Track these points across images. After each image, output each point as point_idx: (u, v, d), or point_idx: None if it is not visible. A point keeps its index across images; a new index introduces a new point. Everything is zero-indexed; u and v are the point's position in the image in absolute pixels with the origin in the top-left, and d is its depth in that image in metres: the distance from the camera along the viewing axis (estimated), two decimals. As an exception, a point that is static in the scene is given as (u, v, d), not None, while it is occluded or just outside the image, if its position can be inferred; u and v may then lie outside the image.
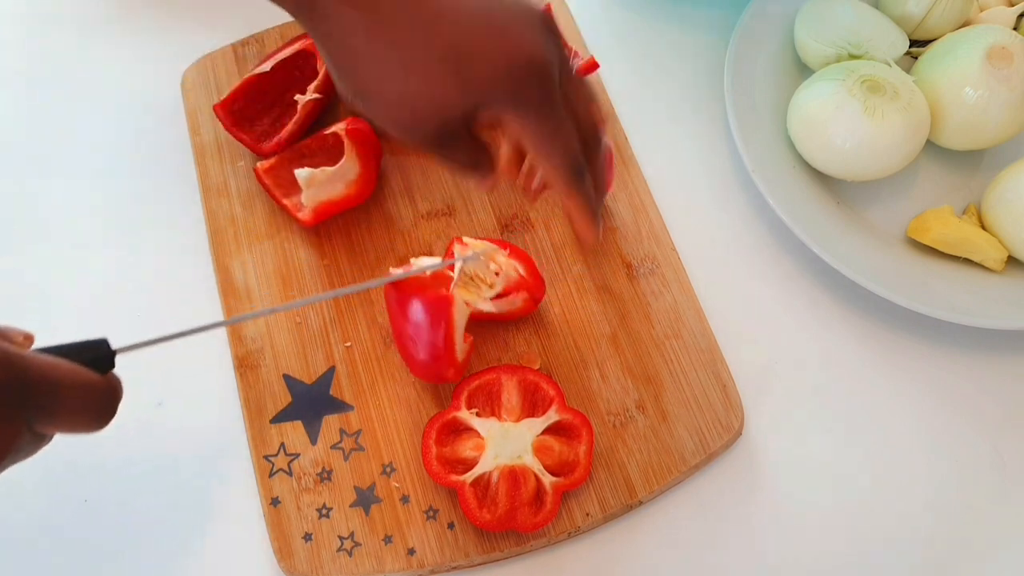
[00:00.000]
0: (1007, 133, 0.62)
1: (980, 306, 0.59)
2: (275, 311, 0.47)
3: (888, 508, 0.56)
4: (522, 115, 0.45)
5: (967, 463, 0.57)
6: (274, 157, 0.61)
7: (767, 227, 0.64)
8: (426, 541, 0.52)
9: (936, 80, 0.62)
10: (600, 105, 0.49)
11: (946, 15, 0.66)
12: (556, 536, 0.53)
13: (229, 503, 0.54)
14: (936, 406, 0.59)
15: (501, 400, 0.54)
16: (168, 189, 0.63)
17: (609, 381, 0.57)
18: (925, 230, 0.61)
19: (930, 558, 0.54)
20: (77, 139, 0.66)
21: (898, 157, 0.60)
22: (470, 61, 0.43)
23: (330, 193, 0.59)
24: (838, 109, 0.60)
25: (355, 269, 0.60)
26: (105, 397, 0.40)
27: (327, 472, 0.54)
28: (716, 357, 0.58)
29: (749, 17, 0.67)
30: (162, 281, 0.61)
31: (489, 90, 0.44)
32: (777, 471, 0.56)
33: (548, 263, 0.61)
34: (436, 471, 0.52)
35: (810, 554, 0.54)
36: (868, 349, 0.60)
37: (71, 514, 0.54)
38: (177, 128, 0.65)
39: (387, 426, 0.56)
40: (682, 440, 0.55)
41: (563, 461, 0.53)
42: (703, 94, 0.69)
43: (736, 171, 0.66)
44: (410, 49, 0.43)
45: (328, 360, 0.57)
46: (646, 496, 0.54)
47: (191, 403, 0.57)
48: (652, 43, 0.71)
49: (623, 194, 0.63)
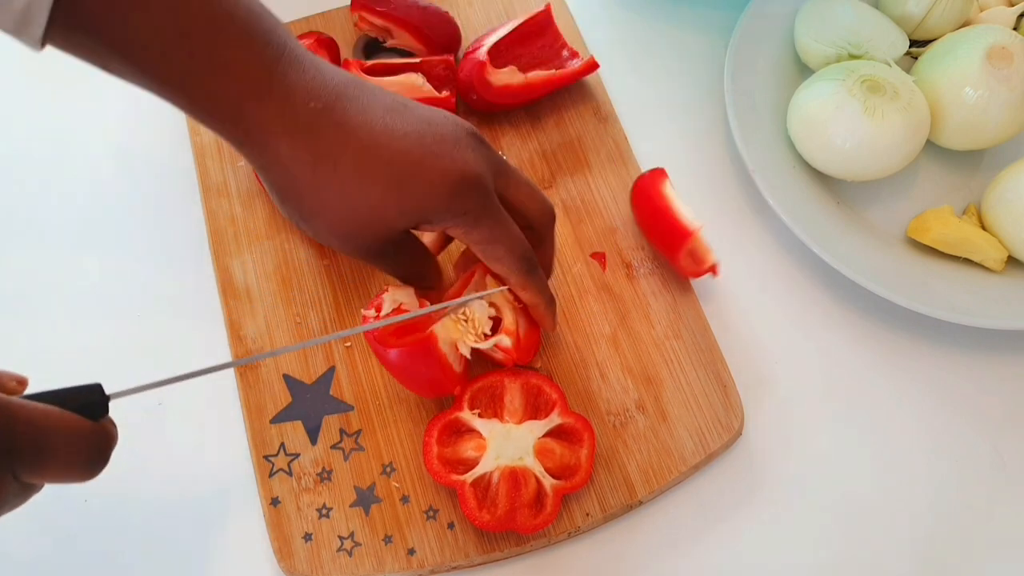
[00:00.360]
0: (1007, 133, 0.62)
1: (980, 306, 0.59)
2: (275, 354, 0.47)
3: (888, 508, 0.56)
4: (465, 226, 0.47)
5: (967, 463, 0.57)
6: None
7: (767, 227, 0.64)
8: (426, 541, 0.52)
9: (936, 80, 0.62)
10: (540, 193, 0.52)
11: (946, 15, 0.66)
12: (556, 536, 0.53)
13: (229, 503, 0.54)
14: (936, 406, 0.59)
15: (503, 402, 0.54)
16: (168, 189, 0.64)
17: (609, 381, 0.57)
18: (925, 230, 0.61)
19: (930, 558, 0.54)
20: (77, 139, 0.66)
21: (898, 157, 0.60)
22: (408, 182, 0.45)
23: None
24: (838, 109, 0.60)
25: (355, 269, 0.60)
26: (96, 445, 0.39)
27: (327, 472, 0.54)
28: (716, 357, 0.58)
29: (749, 17, 0.67)
30: (162, 281, 0.61)
31: (428, 207, 0.46)
32: (777, 471, 0.56)
33: (548, 263, 0.61)
34: (437, 470, 0.52)
35: (810, 554, 0.54)
36: (868, 349, 0.60)
37: (71, 514, 0.54)
38: (177, 128, 0.65)
39: (387, 426, 0.56)
40: (682, 440, 0.55)
41: (564, 464, 0.53)
42: (703, 94, 0.69)
43: (736, 171, 0.66)
44: (351, 175, 0.45)
45: (328, 360, 0.57)
46: (646, 496, 0.54)
47: (191, 403, 0.57)
48: (652, 43, 0.71)
49: (623, 194, 0.63)
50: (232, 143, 0.45)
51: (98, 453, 0.40)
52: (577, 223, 0.62)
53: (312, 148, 0.44)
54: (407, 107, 0.47)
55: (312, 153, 0.44)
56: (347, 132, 0.44)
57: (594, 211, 0.62)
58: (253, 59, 0.42)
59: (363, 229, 0.47)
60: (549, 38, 0.67)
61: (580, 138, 0.65)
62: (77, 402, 0.38)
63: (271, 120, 0.43)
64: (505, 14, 0.69)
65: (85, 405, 0.38)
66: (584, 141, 0.65)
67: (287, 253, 0.60)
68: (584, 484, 0.52)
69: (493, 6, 0.69)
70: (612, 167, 0.64)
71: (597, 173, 0.64)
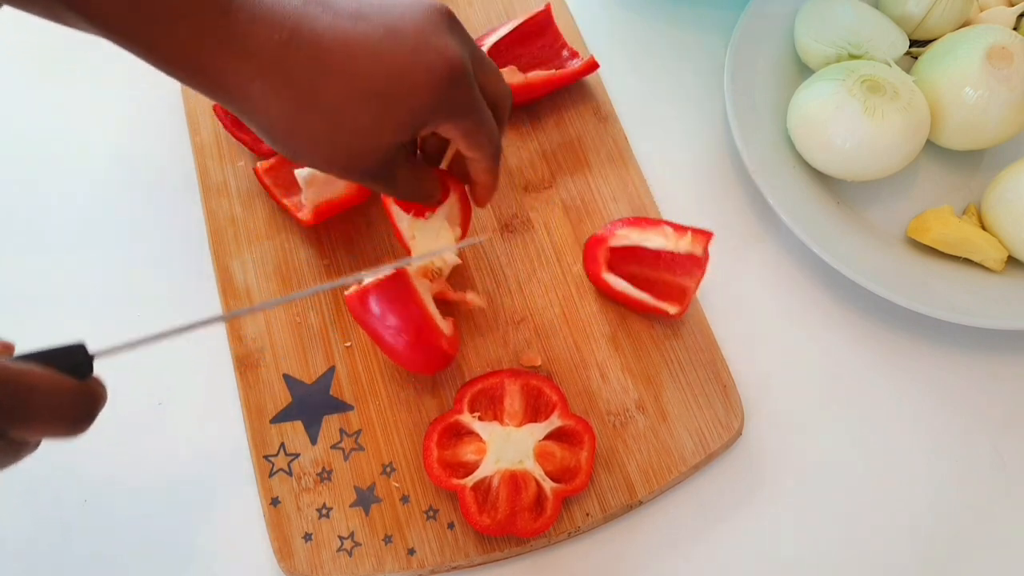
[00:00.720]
0: (1007, 133, 0.62)
1: (980, 306, 0.59)
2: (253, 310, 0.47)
3: (888, 508, 0.56)
4: (455, 120, 0.46)
5: (967, 463, 0.57)
6: (274, 157, 0.61)
7: (767, 227, 0.64)
8: (426, 541, 0.52)
9: (936, 80, 0.62)
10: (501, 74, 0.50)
11: (946, 15, 0.66)
12: (556, 536, 0.53)
13: (229, 503, 0.54)
14: (936, 406, 0.59)
15: (503, 404, 0.54)
16: (168, 189, 0.63)
17: (609, 381, 0.57)
18: (925, 230, 0.61)
19: (930, 558, 0.54)
20: (77, 138, 0.66)
21: (898, 157, 0.60)
22: (396, 91, 0.43)
23: (330, 193, 0.59)
24: (838, 109, 0.60)
25: (355, 269, 0.60)
26: (82, 402, 0.39)
27: (327, 472, 0.54)
28: (716, 357, 0.58)
29: (749, 17, 0.67)
30: (162, 281, 0.61)
31: (422, 110, 0.44)
32: (777, 471, 0.56)
33: (548, 263, 0.61)
34: (437, 474, 0.52)
35: (810, 554, 0.54)
36: (868, 349, 0.60)
37: (71, 514, 0.54)
38: (177, 128, 0.65)
39: (387, 426, 0.56)
40: (682, 440, 0.55)
41: (564, 467, 0.53)
42: (703, 94, 0.69)
43: (736, 171, 0.66)
44: (336, 100, 0.43)
45: (328, 360, 0.57)
46: (646, 496, 0.54)
47: (191, 403, 0.57)
48: (652, 43, 0.71)
49: (623, 194, 0.63)
50: (204, 92, 0.43)
51: (84, 410, 0.40)
52: (577, 223, 0.62)
53: (289, 83, 0.42)
54: (374, 4, 0.44)
55: (290, 88, 0.42)
56: (320, 57, 0.42)
57: (594, 211, 0.62)
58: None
59: (361, 153, 0.45)
60: (549, 38, 0.67)
61: (580, 138, 0.65)
62: (64, 362, 0.39)
63: (238, 63, 0.41)
64: (505, 14, 0.69)
65: (74, 365, 0.39)
66: (584, 141, 0.65)
67: (287, 253, 0.60)
68: (584, 487, 0.52)
69: (493, 6, 0.69)
70: (612, 167, 0.64)
71: (597, 173, 0.64)
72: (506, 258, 0.61)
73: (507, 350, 0.58)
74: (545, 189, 0.63)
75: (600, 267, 0.58)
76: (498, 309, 0.59)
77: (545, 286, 0.60)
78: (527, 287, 0.60)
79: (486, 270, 0.60)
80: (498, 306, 0.59)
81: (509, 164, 0.64)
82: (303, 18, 0.42)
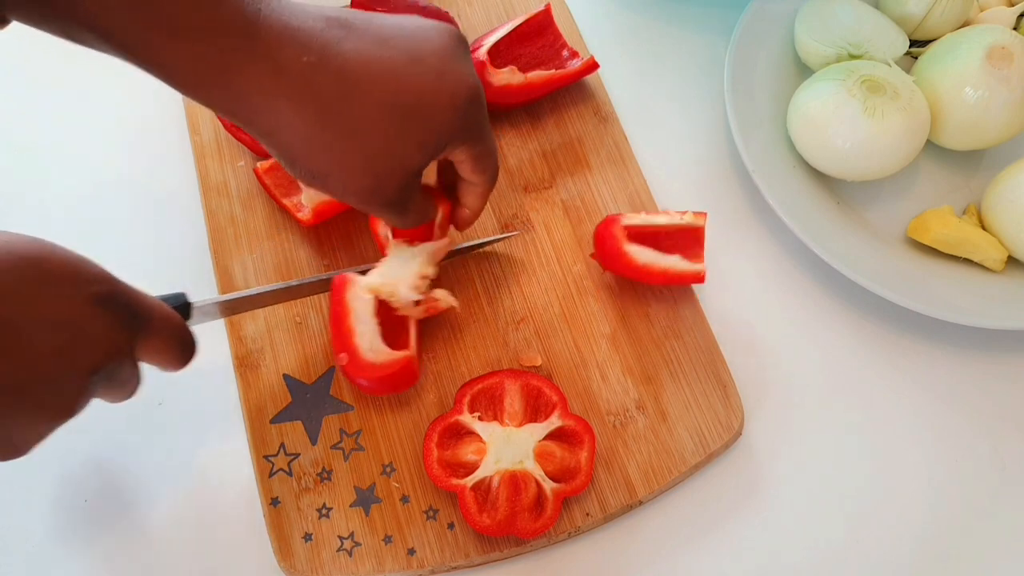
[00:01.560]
0: (1007, 133, 0.62)
1: (980, 306, 0.59)
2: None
3: (888, 508, 0.56)
4: (471, 143, 0.47)
5: (967, 463, 0.57)
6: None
7: (767, 227, 0.64)
8: (426, 541, 0.52)
9: (936, 80, 0.62)
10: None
11: (946, 15, 0.66)
12: (556, 536, 0.53)
13: (229, 503, 0.54)
14: (936, 406, 0.59)
15: (503, 405, 0.54)
16: (168, 189, 0.63)
17: (609, 381, 0.57)
18: (925, 230, 0.61)
19: (930, 558, 0.54)
20: (77, 138, 0.66)
21: (898, 157, 0.60)
22: (421, 113, 0.45)
23: (330, 193, 0.59)
24: (838, 109, 0.60)
25: (355, 269, 0.60)
26: (188, 336, 0.45)
27: (327, 472, 0.54)
28: (716, 357, 0.58)
29: (749, 17, 0.67)
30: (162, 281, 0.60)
31: (445, 132, 0.46)
32: (776, 471, 0.56)
33: (548, 263, 0.61)
34: (437, 474, 0.52)
35: (810, 554, 0.54)
36: (868, 349, 0.60)
37: (71, 514, 0.54)
38: (177, 128, 0.65)
39: (387, 426, 0.56)
40: (682, 440, 0.55)
41: (564, 467, 0.52)
42: (703, 94, 0.69)
43: (736, 171, 0.66)
44: (363, 122, 0.44)
45: (328, 360, 0.57)
46: (646, 496, 0.54)
47: (191, 403, 0.57)
48: (652, 43, 0.71)
49: (623, 194, 0.63)
50: (223, 112, 0.43)
51: (190, 344, 0.45)
52: (577, 223, 0.62)
53: (316, 105, 0.42)
54: (393, 29, 0.45)
55: (317, 110, 0.42)
56: (348, 78, 0.43)
57: (594, 211, 0.62)
58: (233, 15, 0.40)
59: (385, 173, 0.45)
60: (549, 38, 0.67)
61: (580, 138, 0.65)
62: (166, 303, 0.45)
63: (264, 83, 0.41)
64: (505, 14, 0.69)
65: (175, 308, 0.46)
66: (584, 141, 0.65)
67: (287, 253, 0.60)
68: (584, 487, 0.52)
69: (493, 6, 0.69)
70: (612, 167, 0.64)
71: (597, 173, 0.64)
72: (506, 258, 0.61)
73: (507, 350, 0.58)
74: (545, 189, 0.63)
75: (620, 242, 0.57)
76: (498, 309, 0.59)
77: (545, 286, 0.60)
78: (527, 287, 0.60)
79: (486, 270, 0.60)
80: (498, 306, 0.59)
81: (509, 164, 0.64)
82: (330, 42, 0.43)
